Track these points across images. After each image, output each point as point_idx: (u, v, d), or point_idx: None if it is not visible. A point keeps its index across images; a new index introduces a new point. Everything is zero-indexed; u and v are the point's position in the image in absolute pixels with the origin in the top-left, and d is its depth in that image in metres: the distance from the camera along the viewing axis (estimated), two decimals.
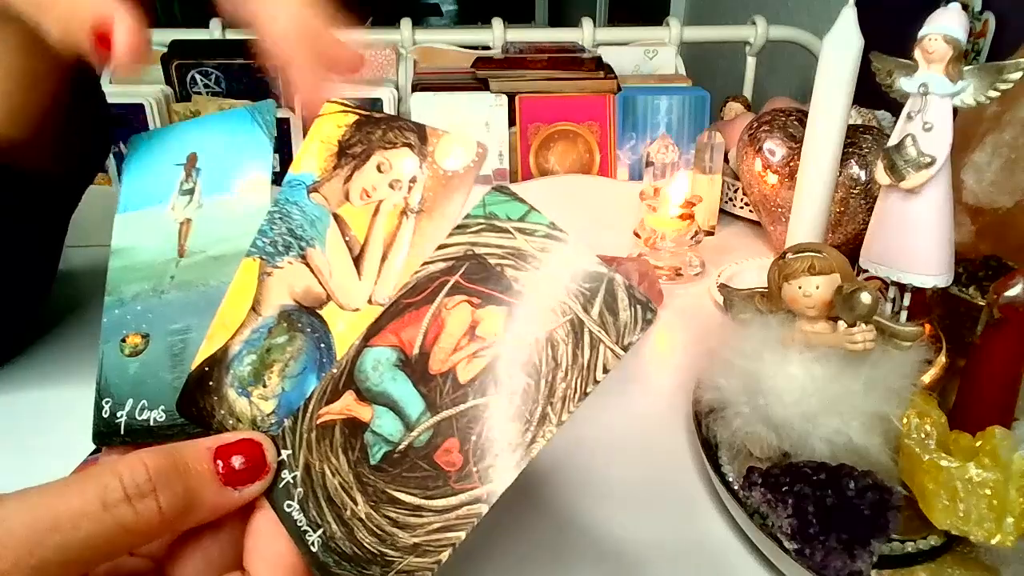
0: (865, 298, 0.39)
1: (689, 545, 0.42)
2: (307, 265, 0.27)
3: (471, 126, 0.83)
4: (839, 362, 0.41)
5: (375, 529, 0.22)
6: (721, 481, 0.43)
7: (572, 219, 0.95)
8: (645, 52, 0.98)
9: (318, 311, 0.26)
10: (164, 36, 0.97)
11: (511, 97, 0.83)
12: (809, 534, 0.37)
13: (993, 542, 0.35)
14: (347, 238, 0.27)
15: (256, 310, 0.27)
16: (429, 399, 0.23)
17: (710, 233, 0.82)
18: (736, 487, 0.42)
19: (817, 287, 0.41)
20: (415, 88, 0.84)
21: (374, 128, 0.28)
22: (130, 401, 0.28)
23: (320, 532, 0.23)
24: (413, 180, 0.27)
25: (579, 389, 0.22)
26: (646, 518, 0.44)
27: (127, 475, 0.21)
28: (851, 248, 0.60)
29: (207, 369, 0.27)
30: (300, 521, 0.23)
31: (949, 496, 0.36)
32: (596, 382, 0.22)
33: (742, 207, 0.86)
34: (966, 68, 0.43)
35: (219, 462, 0.23)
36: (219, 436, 0.24)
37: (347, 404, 0.24)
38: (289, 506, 0.23)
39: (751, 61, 1.09)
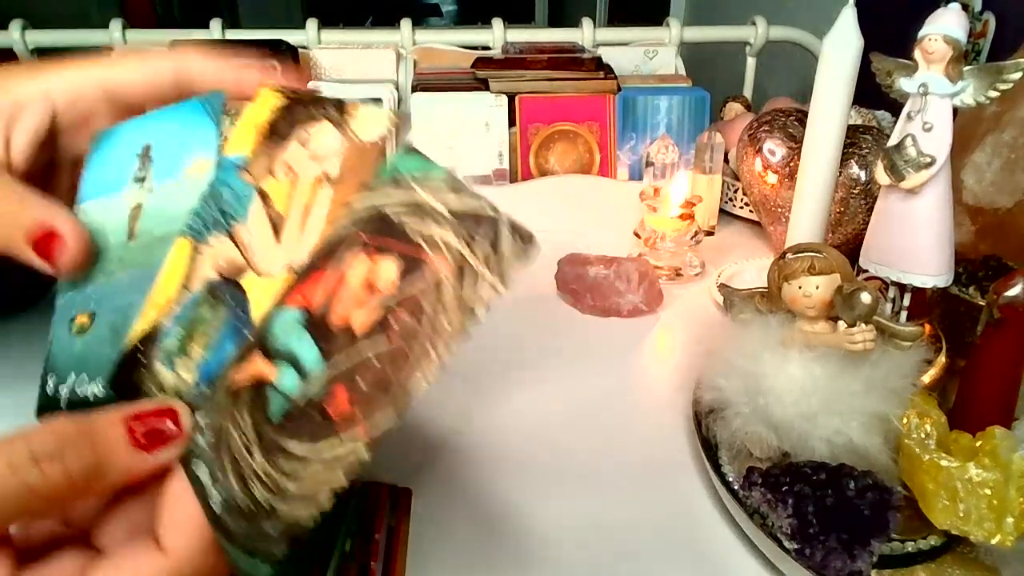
0: (865, 298, 0.39)
1: (689, 545, 0.42)
2: (233, 240, 0.28)
3: (471, 126, 0.83)
4: (839, 362, 0.41)
5: (268, 483, 0.23)
6: (721, 481, 0.43)
7: (572, 219, 0.95)
8: (645, 52, 0.98)
9: (239, 281, 0.27)
10: (164, 36, 0.97)
11: (511, 97, 0.83)
12: (809, 534, 0.37)
13: (993, 542, 0.35)
14: (270, 211, 0.28)
15: (187, 287, 0.28)
16: (326, 352, 0.24)
17: (710, 233, 0.82)
18: (736, 487, 0.42)
19: (817, 287, 0.41)
20: (415, 88, 0.84)
21: (300, 108, 0.30)
22: (72, 376, 0.29)
23: (222, 491, 0.24)
24: (333, 152, 0.28)
25: (462, 327, 0.23)
26: (646, 518, 0.44)
27: (35, 440, 0.21)
28: (851, 248, 0.60)
29: (139, 346, 0.28)
30: (207, 483, 0.24)
31: (949, 496, 0.36)
32: (477, 319, 0.23)
33: (742, 207, 0.86)
34: (966, 68, 0.43)
35: (133, 428, 0.23)
36: (135, 403, 0.24)
37: (255, 366, 0.25)
38: (198, 469, 0.24)
39: (751, 61, 1.09)
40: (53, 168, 0.35)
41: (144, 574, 0.23)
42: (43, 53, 0.99)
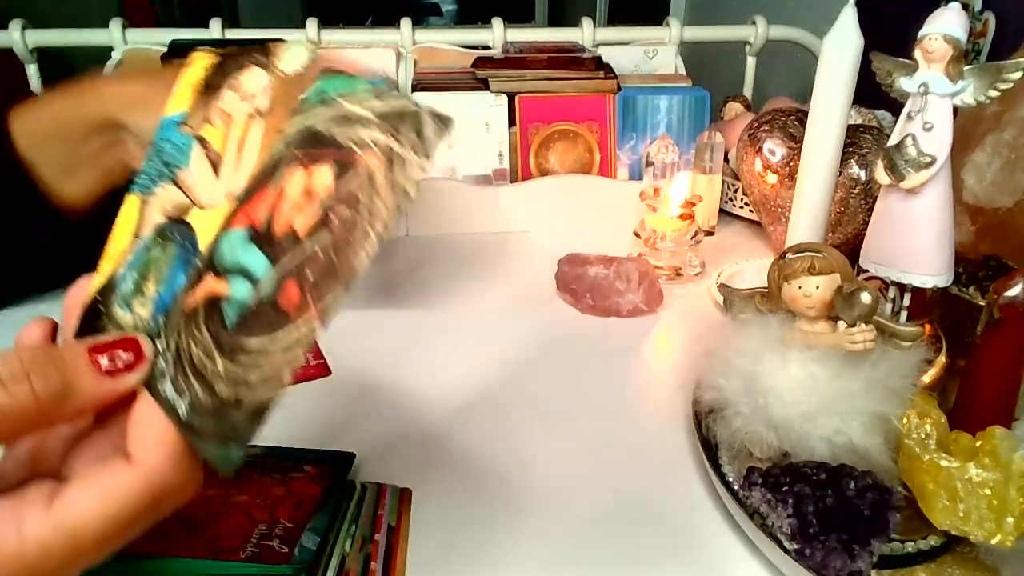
0: (865, 298, 0.39)
1: (689, 545, 0.42)
2: (177, 185, 0.30)
3: (471, 126, 0.83)
4: (839, 362, 0.41)
5: (230, 379, 0.25)
6: (721, 481, 0.43)
7: (572, 219, 0.95)
8: (645, 52, 0.98)
9: (185, 218, 0.29)
10: (164, 36, 0.96)
11: (511, 97, 0.83)
12: (809, 534, 0.37)
13: (993, 542, 0.35)
14: (209, 153, 0.30)
15: (138, 236, 0.29)
16: (273, 257, 0.26)
17: (710, 233, 0.82)
18: (736, 487, 0.42)
19: (817, 287, 0.41)
20: (415, 88, 0.84)
21: (231, 61, 0.31)
22: None
23: (186, 399, 0.25)
24: (261, 89, 0.30)
25: (396, 207, 0.25)
26: (646, 518, 0.44)
27: (2, 364, 0.22)
28: (851, 248, 0.60)
29: (98, 297, 0.29)
30: (171, 396, 0.25)
31: (949, 496, 0.36)
32: (411, 197, 0.25)
33: (742, 207, 0.86)
34: (966, 68, 0.43)
35: (96, 358, 0.24)
36: (97, 336, 0.26)
37: (207, 285, 0.27)
38: (163, 387, 0.25)
39: (751, 61, 1.09)
40: None
41: (114, 486, 0.23)
42: (43, 53, 0.99)
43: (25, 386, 0.22)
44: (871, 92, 0.53)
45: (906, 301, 0.49)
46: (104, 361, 0.25)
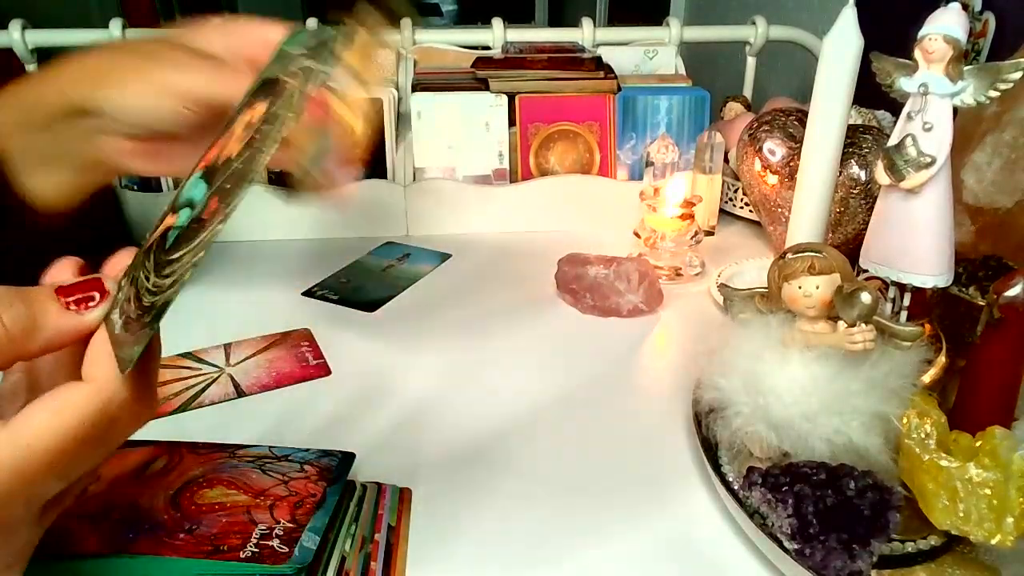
0: (865, 298, 0.39)
1: (689, 545, 0.42)
2: None
3: (471, 126, 0.83)
4: (839, 362, 0.41)
5: (155, 290, 0.26)
6: (721, 481, 0.43)
7: (572, 219, 0.95)
8: (645, 52, 0.98)
9: None
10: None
11: (511, 97, 0.83)
12: (809, 534, 0.37)
13: (993, 542, 0.35)
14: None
15: None
16: (210, 181, 0.28)
17: (710, 233, 0.82)
18: (736, 487, 0.42)
19: (817, 287, 0.41)
20: (415, 88, 0.84)
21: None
22: None
23: (122, 316, 0.27)
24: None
25: (301, 110, 0.28)
26: (646, 518, 0.44)
27: None
28: (851, 248, 0.60)
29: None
30: (114, 319, 0.27)
31: (949, 496, 0.36)
32: (328, 86, 0.31)
33: (742, 207, 0.86)
34: (966, 68, 0.43)
35: (61, 297, 0.26)
36: (65, 281, 0.27)
37: (165, 222, 0.28)
38: (112, 313, 0.27)
39: (751, 61, 1.09)
40: None
41: (65, 400, 0.24)
42: (43, 53, 0.99)
43: None
44: (871, 92, 0.53)
45: (906, 301, 0.49)
46: (68, 297, 0.26)
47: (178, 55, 0.38)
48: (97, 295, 0.27)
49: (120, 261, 0.29)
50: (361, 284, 0.73)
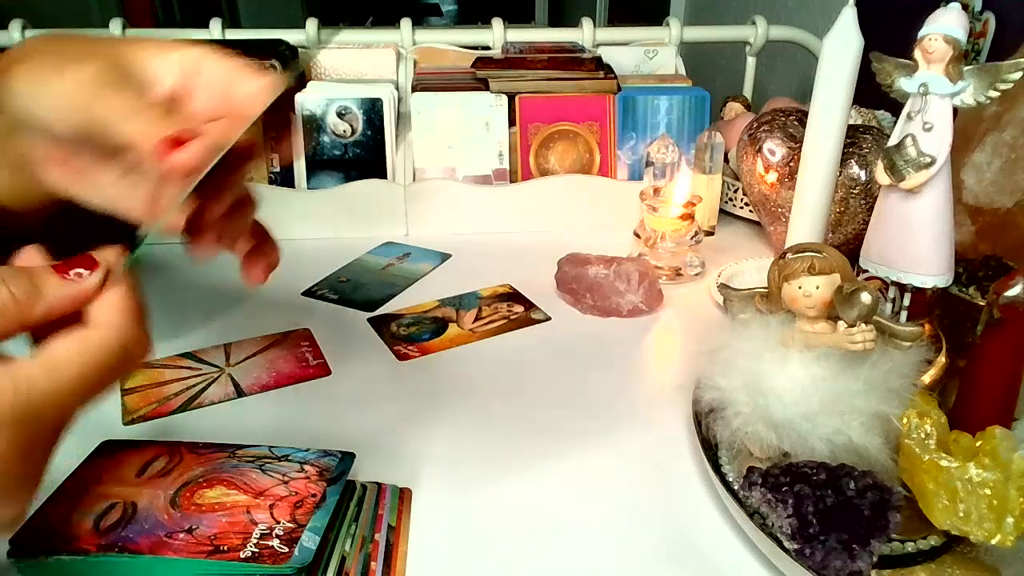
0: (865, 298, 0.39)
1: (689, 545, 0.42)
2: None
3: (471, 126, 0.83)
4: (839, 362, 0.41)
5: None
6: (721, 481, 0.43)
7: (572, 219, 0.95)
8: (645, 52, 0.98)
9: None
10: (164, 36, 0.96)
11: (511, 97, 0.83)
12: (809, 534, 0.37)
13: (993, 542, 0.35)
14: None
15: None
16: None
17: (710, 233, 0.82)
18: (736, 487, 0.42)
19: (817, 287, 0.41)
20: (415, 88, 0.84)
21: None
22: None
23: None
24: None
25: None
26: (646, 517, 0.44)
27: None
28: (851, 248, 0.60)
29: None
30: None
31: (949, 496, 0.36)
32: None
33: (742, 207, 0.86)
34: (966, 68, 0.43)
35: (58, 271, 0.28)
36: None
37: None
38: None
39: (751, 61, 1.09)
40: None
41: (87, 337, 0.27)
42: None
43: (3, 290, 0.26)
44: (871, 92, 0.53)
45: (906, 301, 0.49)
46: (65, 269, 0.28)
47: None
48: (88, 271, 0.29)
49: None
50: (361, 284, 0.73)
